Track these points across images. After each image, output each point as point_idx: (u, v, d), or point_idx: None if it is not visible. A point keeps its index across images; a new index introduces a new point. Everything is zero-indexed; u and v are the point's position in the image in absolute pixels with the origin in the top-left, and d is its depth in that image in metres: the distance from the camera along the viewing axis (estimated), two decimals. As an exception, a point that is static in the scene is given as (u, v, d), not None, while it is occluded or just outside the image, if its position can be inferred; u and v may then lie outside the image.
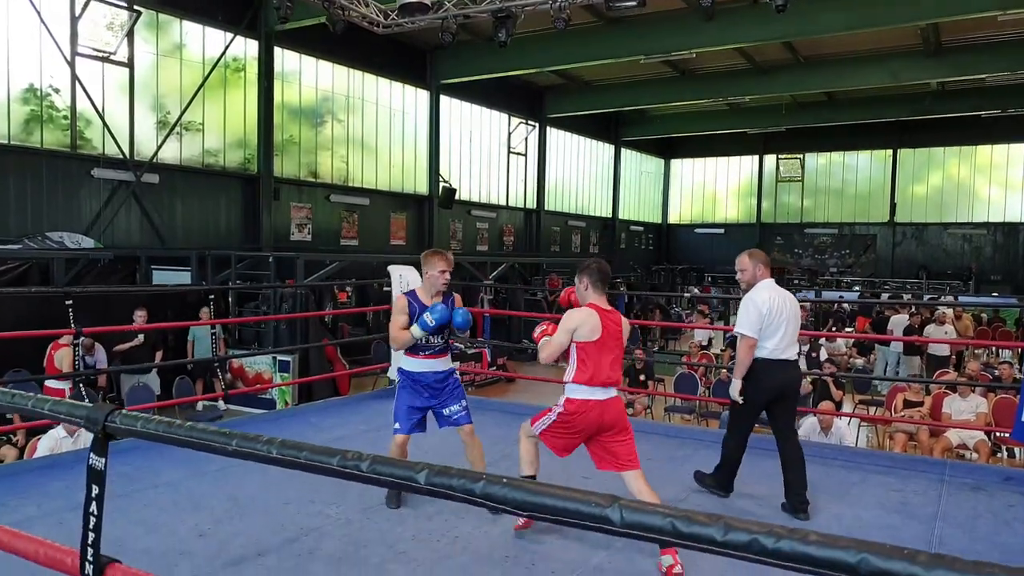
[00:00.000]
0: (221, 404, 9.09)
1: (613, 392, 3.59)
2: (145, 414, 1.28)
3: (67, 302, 4.83)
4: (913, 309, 12.10)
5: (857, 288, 24.01)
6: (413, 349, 4.07)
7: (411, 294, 4.13)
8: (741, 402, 4.18)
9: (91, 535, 1.26)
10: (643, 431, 5.44)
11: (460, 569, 3.30)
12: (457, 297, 4.23)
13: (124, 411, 1.23)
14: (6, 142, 11.61)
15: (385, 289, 13.52)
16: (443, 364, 4.14)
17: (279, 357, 10.06)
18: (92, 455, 1.26)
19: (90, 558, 1.27)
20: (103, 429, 1.20)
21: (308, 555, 3.42)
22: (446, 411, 4.10)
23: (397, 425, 4.05)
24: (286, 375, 10.00)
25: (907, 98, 22.04)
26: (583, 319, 3.53)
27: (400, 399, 4.09)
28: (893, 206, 28.14)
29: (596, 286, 3.62)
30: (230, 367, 10.11)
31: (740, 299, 4.25)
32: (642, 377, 9.74)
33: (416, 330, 3.94)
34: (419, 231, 19.83)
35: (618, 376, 3.66)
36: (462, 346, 12.96)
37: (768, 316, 4.04)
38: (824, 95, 22.96)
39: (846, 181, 29.29)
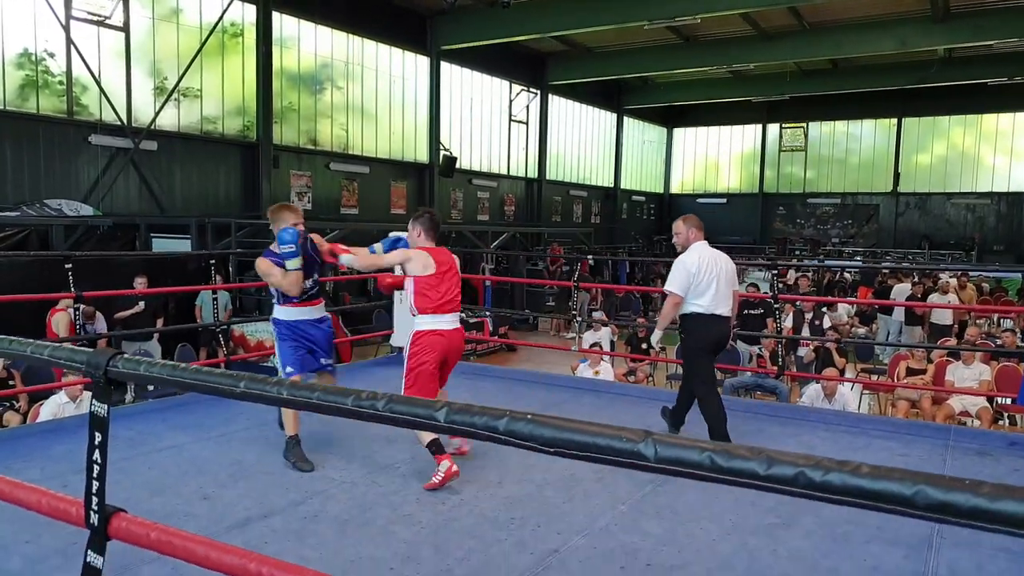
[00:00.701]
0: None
1: (457, 321, 4.01)
2: (148, 358, 1.24)
3: (67, 266, 4.79)
4: (916, 278, 12.06)
5: (859, 259, 23.95)
6: (287, 299, 4.18)
7: (267, 253, 4.21)
8: (659, 349, 5.06)
9: (95, 484, 1.24)
10: (646, 398, 5.45)
11: (465, 531, 3.29)
12: (313, 237, 4.36)
13: (126, 355, 1.19)
14: (1, 107, 11.48)
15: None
16: (316, 312, 4.28)
17: (280, 325, 10.02)
18: (94, 401, 1.23)
19: (95, 507, 1.24)
20: (105, 374, 1.16)
21: (313, 517, 3.41)
22: (322, 359, 4.29)
23: (289, 369, 4.16)
24: (287, 343, 9.97)
25: (913, 66, 21.77)
26: (412, 255, 3.95)
27: (283, 346, 4.19)
28: (897, 176, 27.95)
29: (427, 233, 4.03)
30: (232, 335, 10.08)
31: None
32: (644, 345, 9.72)
33: (289, 264, 4.05)
34: (419, 200, 19.71)
35: (458, 305, 4.04)
36: (464, 315, 12.90)
37: (697, 275, 4.44)
38: (829, 63, 22.68)
39: (849, 150, 29.05)
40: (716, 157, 31.71)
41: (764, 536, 3.23)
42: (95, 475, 1.25)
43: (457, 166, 20.23)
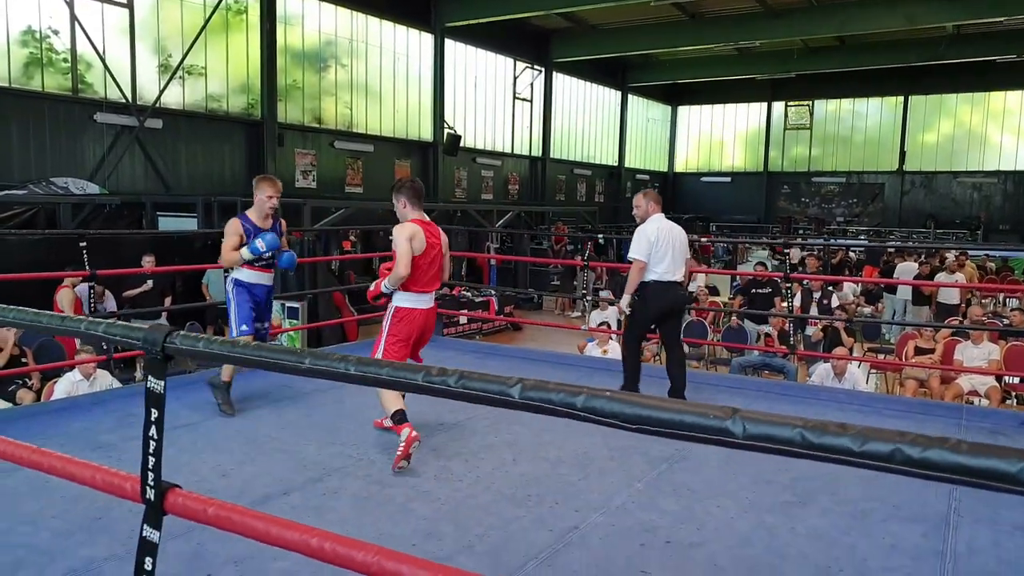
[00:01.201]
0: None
1: (433, 300, 4.11)
2: (206, 335, 1.24)
3: (81, 244, 4.81)
4: (922, 257, 12.04)
5: (863, 238, 23.91)
6: (251, 261, 4.52)
7: (243, 216, 4.56)
8: (629, 312, 5.07)
9: (151, 459, 1.24)
10: (656, 376, 5.46)
11: (483, 508, 3.31)
12: (283, 222, 4.74)
13: (183, 332, 1.20)
14: (7, 85, 11.41)
15: (390, 237, 13.53)
16: (270, 279, 4.69)
17: (288, 304, 10.03)
18: (150, 378, 1.23)
19: (151, 482, 1.25)
20: (162, 350, 1.17)
21: (333, 494, 3.44)
22: (264, 323, 4.69)
23: (244, 327, 4.51)
24: (295, 321, 9.98)
25: (921, 43, 21.56)
26: (415, 230, 3.91)
27: (240, 306, 4.52)
28: (903, 154, 27.79)
29: (412, 202, 3.99)
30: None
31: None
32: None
33: (246, 252, 4.44)
34: (423, 179, 19.62)
35: (437, 284, 4.11)
36: (469, 295, 12.96)
37: (656, 244, 4.82)
38: (836, 39, 22.45)
39: (855, 129, 28.86)
40: (721, 135, 31.54)
41: (781, 514, 3.26)
42: (151, 451, 1.26)
43: (461, 145, 20.14)
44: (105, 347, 6.17)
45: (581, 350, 8.35)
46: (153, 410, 1.25)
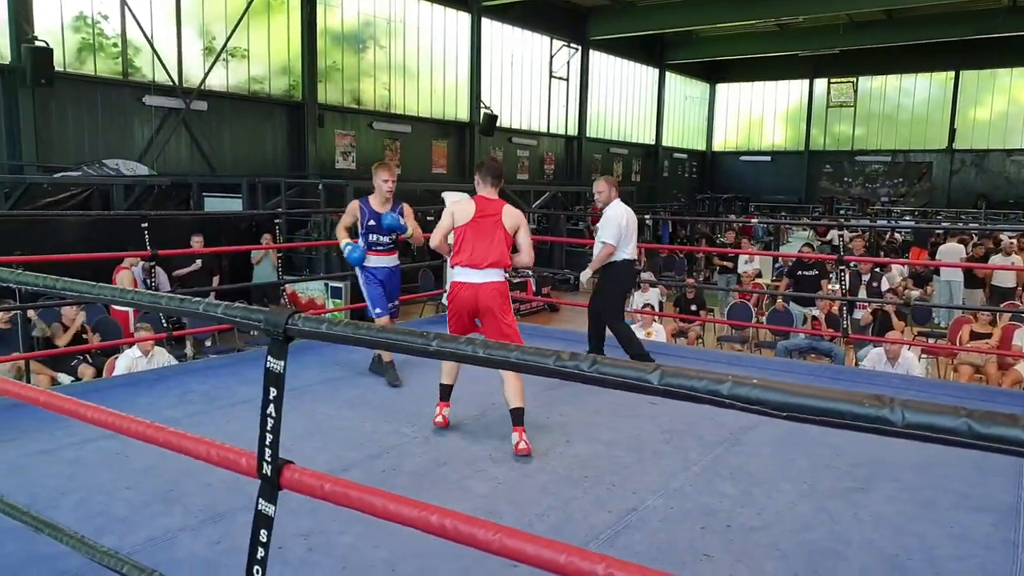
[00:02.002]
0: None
1: (490, 275, 3.91)
2: (328, 318, 1.27)
3: (143, 225, 4.93)
4: (975, 239, 11.73)
5: (908, 218, 23.35)
6: (370, 247, 4.80)
7: (364, 200, 4.80)
8: (586, 285, 5.57)
9: (268, 436, 1.28)
10: (703, 359, 5.45)
11: (540, 488, 3.33)
12: (405, 206, 4.91)
13: (304, 314, 1.22)
14: (62, 70, 11.66)
15: (428, 217, 13.52)
16: (391, 260, 4.91)
17: (331, 283, 10.15)
18: (270, 358, 1.26)
19: (268, 458, 1.29)
20: (284, 332, 1.20)
21: (391, 471, 3.49)
22: (394, 301, 4.95)
23: (378, 310, 4.78)
24: (338, 301, 10.10)
25: (975, 15, 20.82)
26: (460, 206, 4.01)
27: (370, 292, 4.80)
28: (952, 131, 26.99)
29: (483, 179, 4.08)
30: (285, 292, 10.28)
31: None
32: (693, 307, 9.67)
33: (344, 247, 4.74)
34: (460, 159, 19.64)
35: (494, 259, 3.92)
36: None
37: (625, 228, 5.16)
38: (884, 13, 21.82)
39: (902, 106, 28.10)
40: (760, 113, 31.00)
41: (843, 500, 3.23)
42: (269, 428, 1.29)
43: (497, 124, 20.08)
44: (165, 324, 6.33)
45: (624, 331, 8.31)
46: (272, 389, 1.29)
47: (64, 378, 6.34)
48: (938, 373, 8.03)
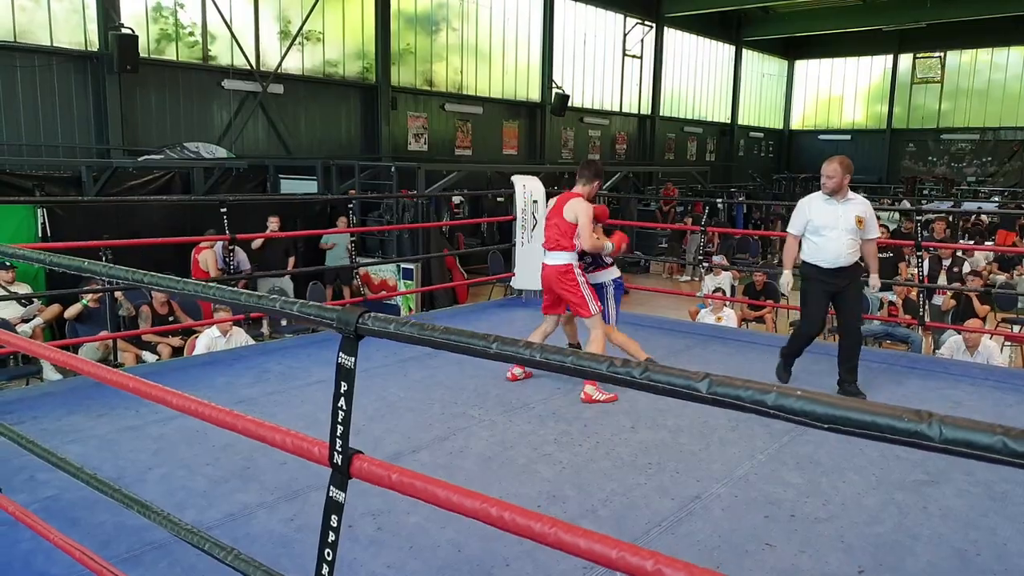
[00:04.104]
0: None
1: (552, 258, 4.54)
2: (396, 317, 1.35)
3: (222, 210, 5.13)
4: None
5: (996, 199, 22.21)
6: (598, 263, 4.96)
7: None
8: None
9: (339, 428, 1.37)
10: (775, 345, 5.35)
11: (604, 474, 3.38)
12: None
13: (374, 314, 1.30)
14: (146, 55, 12.16)
15: (499, 200, 13.58)
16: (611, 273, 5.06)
17: (403, 265, 10.35)
18: (342, 354, 1.35)
19: (339, 448, 1.38)
20: (355, 330, 1.28)
21: (459, 453, 3.59)
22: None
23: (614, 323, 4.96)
24: (410, 283, 10.30)
25: (1075, -15, 19.59)
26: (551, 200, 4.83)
27: (614, 304, 4.95)
28: (1047, 108, 25.50)
29: (578, 177, 4.64)
30: (358, 274, 10.55)
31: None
32: (762, 297, 9.47)
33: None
34: (531, 140, 19.62)
35: (552, 244, 4.54)
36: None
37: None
38: (975, -16, 20.72)
39: (992, 82, 26.65)
40: (841, 91, 29.88)
41: (912, 492, 3.17)
42: (340, 420, 1.38)
43: (568, 104, 19.96)
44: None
45: (693, 316, 8.25)
46: (343, 383, 1.37)
47: (149, 356, 6.69)
48: (1023, 362, 7.69)
